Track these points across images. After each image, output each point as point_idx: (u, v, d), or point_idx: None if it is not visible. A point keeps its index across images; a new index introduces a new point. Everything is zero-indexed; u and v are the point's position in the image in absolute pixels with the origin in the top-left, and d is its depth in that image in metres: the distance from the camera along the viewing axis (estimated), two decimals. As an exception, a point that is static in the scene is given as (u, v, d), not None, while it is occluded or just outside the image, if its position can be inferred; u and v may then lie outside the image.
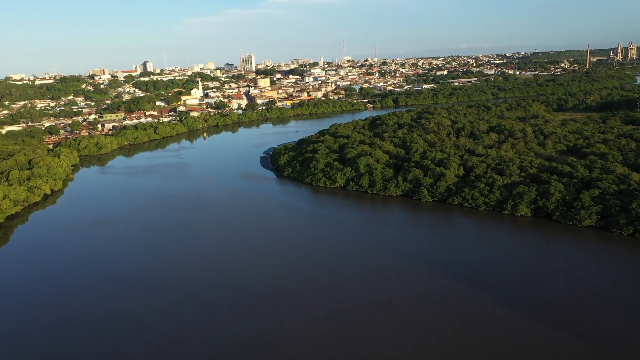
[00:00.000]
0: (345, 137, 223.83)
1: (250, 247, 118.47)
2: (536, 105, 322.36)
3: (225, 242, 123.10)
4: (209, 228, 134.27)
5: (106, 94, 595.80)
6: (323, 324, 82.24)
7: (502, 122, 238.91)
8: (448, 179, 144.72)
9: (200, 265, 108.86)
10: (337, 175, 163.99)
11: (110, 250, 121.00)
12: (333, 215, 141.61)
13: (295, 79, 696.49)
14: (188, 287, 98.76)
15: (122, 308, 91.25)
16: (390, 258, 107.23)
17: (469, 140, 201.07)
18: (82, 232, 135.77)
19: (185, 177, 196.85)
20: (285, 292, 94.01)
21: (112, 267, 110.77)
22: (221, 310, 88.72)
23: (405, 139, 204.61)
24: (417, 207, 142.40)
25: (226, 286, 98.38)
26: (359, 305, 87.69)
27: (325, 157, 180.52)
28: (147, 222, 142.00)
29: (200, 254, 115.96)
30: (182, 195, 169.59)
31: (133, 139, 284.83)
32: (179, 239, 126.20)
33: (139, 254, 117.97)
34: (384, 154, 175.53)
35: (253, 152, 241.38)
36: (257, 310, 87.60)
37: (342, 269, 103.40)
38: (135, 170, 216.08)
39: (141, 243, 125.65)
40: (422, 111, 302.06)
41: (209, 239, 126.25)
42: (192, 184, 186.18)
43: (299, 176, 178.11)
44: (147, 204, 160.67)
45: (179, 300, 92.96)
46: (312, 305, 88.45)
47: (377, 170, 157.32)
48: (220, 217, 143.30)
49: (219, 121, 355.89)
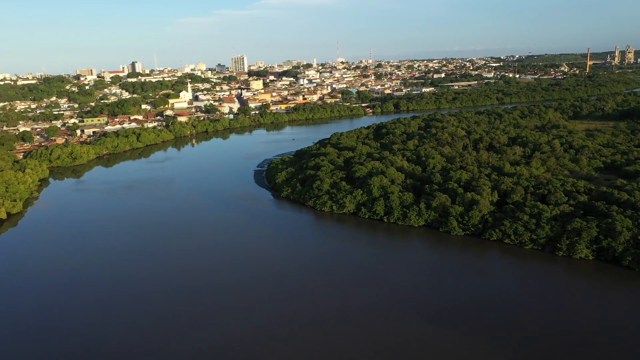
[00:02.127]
0: (350, 149, 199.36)
1: (243, 309, 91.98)
2: (551, 112, 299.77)
3: (209, 306, 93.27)
4: (195, 275, 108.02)
5: (91, 95, 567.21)
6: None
7: (522, 133, 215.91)
8: (482, 207, 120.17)
9: (179, 341, 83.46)
10: (345, 199, 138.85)
11: (66, 315, 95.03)
12: (343, 253, 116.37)
13: (289, 81, 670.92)
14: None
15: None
16: (416, 322, 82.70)
17: (491, 155, 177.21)
18: (32, 281, 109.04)
19: (169, 197, 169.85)
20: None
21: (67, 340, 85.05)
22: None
23: (419, 152, 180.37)
24: (445, 243, 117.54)
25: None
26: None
27: (330, 176, 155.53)
28: (120, 268, 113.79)
29: (181, 314, 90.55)
30: (164, 221, 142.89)
31: (113, 147, 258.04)
32: (156, 301, 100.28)
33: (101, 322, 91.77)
34: (398, 172, 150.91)
35: (246, 164, 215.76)
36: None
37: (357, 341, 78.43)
38: (112, 186, 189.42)
39: (109, 302, 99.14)
40: (429, 118, 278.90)
41: (193, 291, 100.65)
42: (176, 206, 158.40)
43: (300, 198, 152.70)
44: (121, 235, 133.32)
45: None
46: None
47: (394, 195, 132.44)
48: (207, 257, 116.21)
49: (208, 127, 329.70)
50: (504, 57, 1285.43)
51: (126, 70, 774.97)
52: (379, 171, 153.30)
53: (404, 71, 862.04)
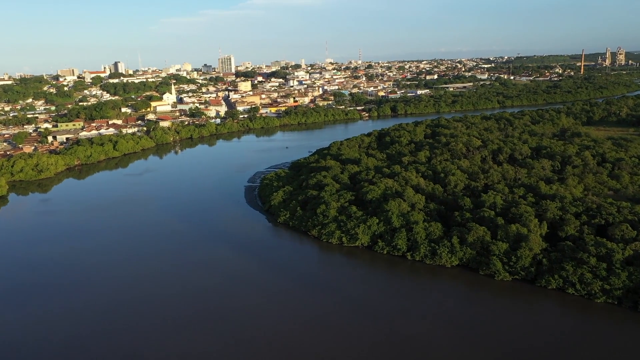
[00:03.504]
0: (354, 161, 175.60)
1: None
2: (564, 117, 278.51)
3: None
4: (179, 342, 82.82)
5: (70, 97, 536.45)
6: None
7: (543, 142, 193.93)
8: (532, 244, 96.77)
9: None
10: (358, 230, 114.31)
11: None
12: (359, 303, 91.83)
13: (279, 82, 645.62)
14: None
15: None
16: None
17: (518, 170, 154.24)
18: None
19: (144, 224, 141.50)
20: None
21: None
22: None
23: (435, 167, 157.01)
24: (488, 291, 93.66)
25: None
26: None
27: (336, 198, 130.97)
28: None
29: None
30: (133, 268, 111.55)
31: (85, 157, 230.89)
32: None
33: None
34: (418, 194, 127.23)
35: (235, 178, 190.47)
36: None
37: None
38: (78, 208, 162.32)
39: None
40: (434, 124, 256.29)
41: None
42: (151, 241, 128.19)
43: (302, 225, 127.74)
44: (72, 291, 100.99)
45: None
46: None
47: (419, 226, 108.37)
48: (190, 314, 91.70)
49: (193, 133, 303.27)
50: (493, 59, 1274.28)
51: (108, 70, 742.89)
52: (394, 192, 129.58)
53: (395, 72, 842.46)
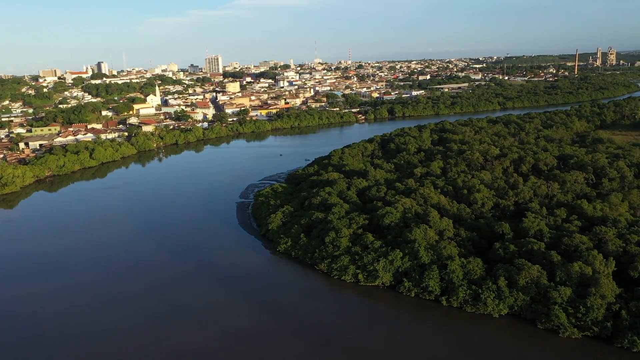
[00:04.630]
0: (360, 174, 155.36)
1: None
2: (577, 121, 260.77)
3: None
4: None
5: (50, 99, 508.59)
6: None
7: (567, 150, 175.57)
8: (604, 290, 76.85)
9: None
10: (377, 265, 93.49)
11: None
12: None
13: (268, 83, 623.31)
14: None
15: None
16: None
17: (551, 185, 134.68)
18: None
19: (118, 253, 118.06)
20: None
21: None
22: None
23: (455, 181, 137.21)
24: (552, 350, 73.66)
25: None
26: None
27: (346, 223, 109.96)
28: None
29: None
30: (99, 319, 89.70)
31: (58, 168, 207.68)
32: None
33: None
34: (444, 219, 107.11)
35: (225, 193, 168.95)
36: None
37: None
38: (41, 233, 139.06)
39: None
40: (439, 128, 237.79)
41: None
42: (125, 276, 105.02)
43: (307, 256, 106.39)
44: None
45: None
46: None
47: (455, 263, 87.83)
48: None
49: (178, 138, 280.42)
50: (483, 59, 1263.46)
51: (90, 71, 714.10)
52: (415, 214, 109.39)
53: (386, 72, 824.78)
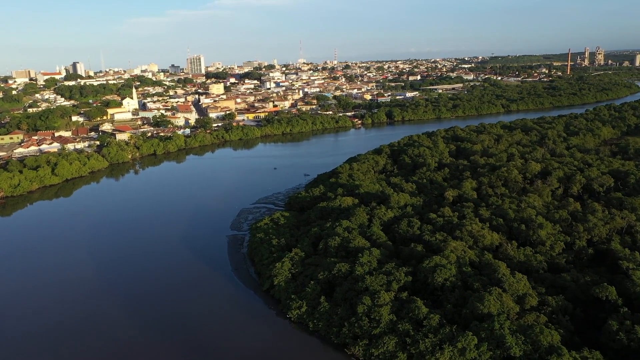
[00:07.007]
0: (378, 197, 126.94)
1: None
2: (603, 127, 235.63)
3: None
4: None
5: (19, 102, 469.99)
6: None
7: (615, 165, 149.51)
8: None
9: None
10: (442, 357, 64.50)
11: None
12: None
13: (254, 84, 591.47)
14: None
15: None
16: None
17: (627, 215, 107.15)
18: None
19: (68, 326, 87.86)
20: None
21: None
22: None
23: (503, 210, 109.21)
24: None
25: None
26: None
27: (383, 281, 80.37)
28: None
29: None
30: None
31: (11, 188, 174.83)
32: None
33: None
34: (519, 275, 78.55)
35: (212, 220, 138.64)
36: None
37: None
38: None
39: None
40: (450, 136, 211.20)
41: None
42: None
43: (331, 331, 76.76)
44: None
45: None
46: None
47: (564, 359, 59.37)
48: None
49: (157, 148, 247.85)
50: (469, 58, 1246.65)
51: (65, 71, 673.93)
52: (470, 265, 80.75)
53: (374, 73, 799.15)
